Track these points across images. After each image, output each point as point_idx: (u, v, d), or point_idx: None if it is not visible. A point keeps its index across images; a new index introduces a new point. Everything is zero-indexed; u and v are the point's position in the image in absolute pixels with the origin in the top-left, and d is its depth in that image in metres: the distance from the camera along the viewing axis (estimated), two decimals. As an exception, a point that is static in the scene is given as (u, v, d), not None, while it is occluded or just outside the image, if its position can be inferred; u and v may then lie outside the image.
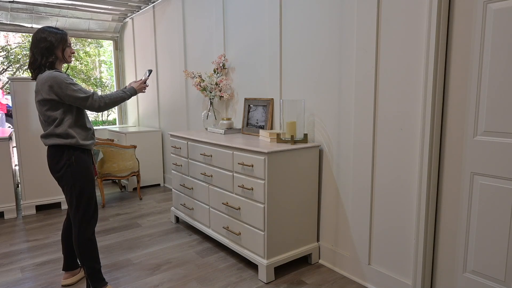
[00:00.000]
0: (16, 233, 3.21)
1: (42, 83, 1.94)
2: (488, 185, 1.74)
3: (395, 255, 2.10)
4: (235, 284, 2.29)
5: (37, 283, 2.34)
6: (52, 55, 2.02)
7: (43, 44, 2.00)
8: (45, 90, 1.93)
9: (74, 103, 1.98)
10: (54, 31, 2.04)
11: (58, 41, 2.04)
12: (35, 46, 2.01)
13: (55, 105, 1.97)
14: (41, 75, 1.98)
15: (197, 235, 3.07)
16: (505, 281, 1.71)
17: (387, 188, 2.11)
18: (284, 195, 2.34)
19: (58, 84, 1.92)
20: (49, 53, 2.01)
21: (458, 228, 1.87)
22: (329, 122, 2.42)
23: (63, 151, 2.01)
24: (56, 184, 3.81)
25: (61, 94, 1.93)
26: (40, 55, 2.00)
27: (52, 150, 2.03)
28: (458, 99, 1.81)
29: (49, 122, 2.00)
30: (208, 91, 3.33)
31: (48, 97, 1.94)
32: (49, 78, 1.93)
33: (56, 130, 1.99)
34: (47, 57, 2.01)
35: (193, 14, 3.86)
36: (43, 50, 2.00)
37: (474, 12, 1.71)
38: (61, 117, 1.99)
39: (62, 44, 2.05)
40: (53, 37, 2.02)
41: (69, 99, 1.95)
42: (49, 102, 1.96)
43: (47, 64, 2.01)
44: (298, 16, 2.56)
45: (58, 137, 2.00)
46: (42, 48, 2.00)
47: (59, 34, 2.05)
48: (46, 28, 2.04)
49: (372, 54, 2.07)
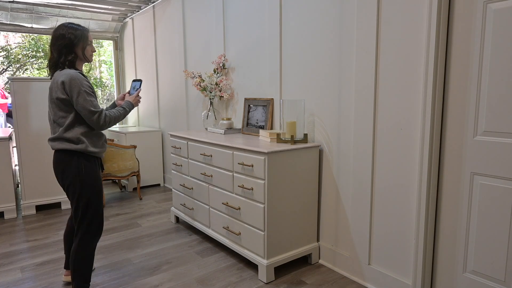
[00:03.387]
0: (16, 233, 3.21)
1: (56, 80, 1.83)
2: (488, 185, 1.74)
3: (395, 255, 2.10)
4: (235, 284, 2.29)
5: (37, 283, 2.34)
6: (71, 53, 1.89)
7: (62, 41, 1.86)
8: (59, 88, 1.81)
9: (80, 112, 1.85)
10: (74, 27, 1.90)
11: (78, 38, 1.89)
12: (54, 43, 1.88)
13: (68, 106, 1.85)
14: (58, 72, 1.86)
15: (197, 235, 3.07)
16: (505, 281, 1.71)
17: (387, 188, 2.11)
18: (284, 195, 2.34)
19: (72, 86, 1.80)
20: (68, 51, 1.88)
21: (458, 228, 1.87)
22: (329, 122, 2.42)
23: (72, 157, 1.88)
24: (56, 184, 3.81)
25: (71, 97, 1.82)
26: (58, 52, 1.87)
27: (59, 155, 1.90)
28: (458, 99, 1.81)
29: (60, 123, 1.88)
30: (208, 91, 3.32)
31: (61, 96, 1.81)
32: (66, 76, 1.80)
33: (67, 134, 1.86)
34: (66, 55, 1.88)
35: (193, 14, 3.86)
36: (62, 47, 1.86)
37: (474, 12, 1.71)
38: (73, 120, 1.86)
39: (82, 42, 1.92)
40: (72, 34, 1.88)
41: (77, 105, 1.83)
42: (61, 102, 1.84)
43: (66, 63, 1.88)
44: (298, 16, 2.56)
45: (68, 142, 1.87)
46: (60, 45, 1.86)
47: (79, 31, 1.90)
48: (66, 24, 1.90)
49: (372, 54, 2.07)
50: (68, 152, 1.89)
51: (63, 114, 1.86)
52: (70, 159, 1.89)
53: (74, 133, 1.87)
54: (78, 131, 1.88)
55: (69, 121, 1.86)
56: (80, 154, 1.90)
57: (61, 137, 1.87)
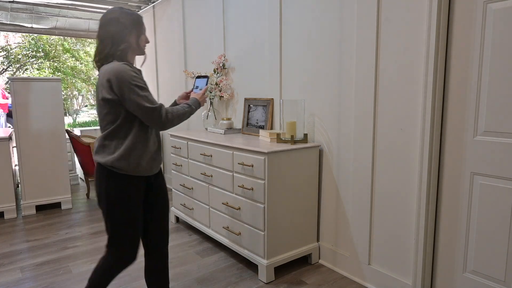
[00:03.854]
0: (16, 233, 3.21)
1: (102, 77, 1.52)
2: (488, 185, 1.74)
3: (395, 255, 2.10)
4: (235, 284, 2.29)
5: (37, 283, 2.34)
6: (124, 42, 1.58)
7: (114, 28, 1.56)
8: (104, 86, 1.50)
9: (135, 112, 1.52)
10: (129, 12, 1.62)
11: (133, 24, 1.60)
12: (103, 30, 1.57)
13: (115, 108, 1.51)
14: (105, 66, 1.54)
15: (197, 235, 3.07)
16: (505, 281, 1.71)
17: (387, 188, 2.11)
18: (284, 195, 2.33)
19: (120, 81, 1.47)
20: (120, 39, 1.57)
21: (458, 228, 1.87)
22: (329, 122, 2.42)
23: (109, 172, 1.55)
24: (56, 184, 3.81)
25: (121, 96, 1.49)
26: (109, 40, 1.55)
27: (98, 167, 1.59)
28: (458, 99, 1.81)
29: (105, 128, 1.56)
30: (208, 91, 3.32)
31: (107, 96, 1.49)
32: (111, 71, 1.49)
33: (107, 144, 1.55)
34: (117, 43, 1.56)
35: (193, 14, 3.86)
36: (113, 34, 1.56)
37: (474, 12, 1.71)
38: (118, 127, 1.54)
39: (137, 29, 1.62)
40: (126, 19, 1.59)
41: (130, 104, 1.50)
42: (107, 103, 1.51)
43: (117, 53, 1.57)
44: (298, 16, 2.56)
45: (105, 155, 1.55)
46: (111, 32, 1.56)
47: (135, 15, 1.63)
48: (117, 8, 1.62)
49: (372, 54, 2.07)
50: (102, 167, 1.57)
51: (109, 117, 1.54)
52: (101, 173, 1.58)
53: (117, 145, 1.55)
54: (122, 143, 1.54)
55: (113, 128, 1.54)
56: (117, 174, 1.56)
57: (101, 145, 1.57)
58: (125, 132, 1.55)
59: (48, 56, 11.37)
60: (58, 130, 3.76)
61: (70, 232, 3.22)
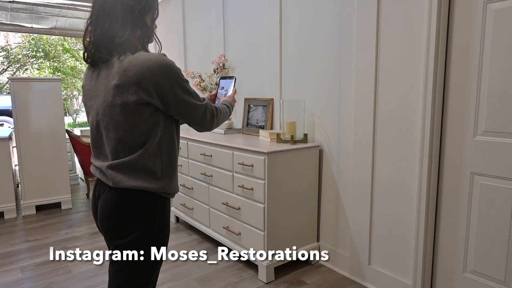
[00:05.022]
0: (16, 233, 3.21)
1: (137, 71, 1.05)
2: (488, 185, 1.74)
3: (395, 255, 2.10)
4: (235, 284, 2.29)
5: (37, 283, 2.34)
6: (145, 23, 1.15)
7: (133, 1, 1.09)
8: (142, 86, 1.05)
9: (178, 113, 1.16)
10: None
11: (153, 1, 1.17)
12: (112, 5, 1.08)
13: (153, 115, 1.11)
14: (131, 57, 1.07)
15: (197, 235, 3.07)
16: (505, 281, 1.71)
17: (387, 188, 2.11)
18: (284, 195, 2.33)
19: (170, 79, 1.09)
20: (140, 18, 1.12)
21: (458, 228, 1.87)
22: (329, 122, 2.42)
23: (148, 201, 1.15)
24: (56, 184, 3.81)
25: (165, 96, 1.09)
26: (128, 20, 1.09)
27: (125, 196, 1.13)
28: (458, 99, 1.81)
29: (137, 141, 1.10)
30: (208, 91, 3.32)
31: (147, 99, 1.07)
32: (154, 65, 1.05)
33: (148, 161, 1.12)
34: (143, 25, 1.14)
35: (193, 14, 3.86)
36: (135, 10, 1.09)
37: (474, 12, 1.71)
38: (154, 136, 1.13)
39: (154, 6, 1.18)
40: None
41: (176, 104, 1.12)
42: (146, 108, 1.09)
43: (141, 40, 1.15)
44: (298, 16, 2.55)
45: (146, 174, 1.12)
46: (132, 7, 1.09)
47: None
48: None
49: (372, 54, 2.07)
50: (142, 194, 1.13)
51: (147, 127, 1.10)
52: (144, 203, 1.14)
53: (156, 160, 1.14)
54: (158, 153, 1.15)
55: (154, 140, 1.13)
56: (159, 197, 1.17)
57: (136, 164, 1.11)
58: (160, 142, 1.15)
59: (48, 56, 11.37)
60: (58, 130, 3.76)
61: (70, 232, 3.22)
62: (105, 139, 1.13)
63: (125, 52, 1.08)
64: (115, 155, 1.11)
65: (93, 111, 1.14)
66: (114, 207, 1.13)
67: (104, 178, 1.16)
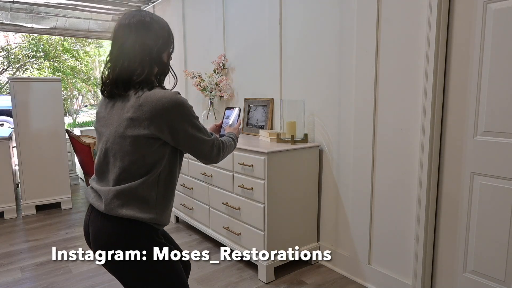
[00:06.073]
0: (16, 233, 3.21)
1: (152, 107, 1.09)
2: (488, 185, 1.74)
3: (395, 255, 2.10)
4: (235, 284, 2.29)
5: (37, 283, 2.34)
6: (161, 60, 1.19)
7: (152, 41, 1.15)
8: (155, 122, 1.09)
9: (187, 147, 1.20)
10: (161, 20, 1.21)
11: (170, 35, 1.23)
12: (135, 41, 1.12)
13: (161, 148, 1.15)
14: (147, 93, 1.11)
15: (197, 235, 3.07)
16: (505, 281, 1.71)
17: (387, 188, 2.11)
18: (284, 195, 2.33)
19: (182, 117, 1.13)
20: (157, 56, 1.17)
21: (458, 228, 1.87)
22: (329, 122, 2.42)
23: (140, 231, 1.16)
24: (56, 184, 3.81)
25: (177, 131, 1.13)
26: (147, 58, 1.14)
27: (117, 226, 1.15)
28: (458, 99, 1.81)
29: (133, 169, 1.13)
30: (208, 91, 3.33)
31: (157, 134, 1.11)
32: (168, 103, 1.10)
33: (144, 189, 1.15)
34: (160, 63, 1.18)
35: (193, 14, 3.86)
36: (151, 50, 1.15)
37: (474, 12, 1.71)
38: (158, 168, 1.16)
39: (170, 44, 1.23)
40: (165, 30, 1.20)
41: (185, 139, 1.16)
42: (155, 142, 1.13)
43: (158, 77, 1.20)
44: (298, 16, 2.55)
45: (139, 203, 1.14)
46: (149, 46, 1.14)
47: (167, 23, 1.23)
48: (146, 12, 1.18)
49: (372, 54, 2.07)
50: (134, 224, 1.14)
51: (154, 159, 1.15)
52: (134, 234, 1.15)
53: (152, 190, 1.17)
54: (155, 184, 1.17)
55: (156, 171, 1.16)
56: (151, 228, 1.18)
57: (132, 192, 1.14)
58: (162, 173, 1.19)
59: (48, 56, 11.38)
60: (58, 130, 3.76)
61: (70, 232, 3.22)
62: (111, 166, 1.17)
63: (142, 89, 1.12)
64: (116, 182, 1.15)
65: (104, 138, 1.18)
66: (108, 236, 1.15)
67: (97, 203, 1.17)
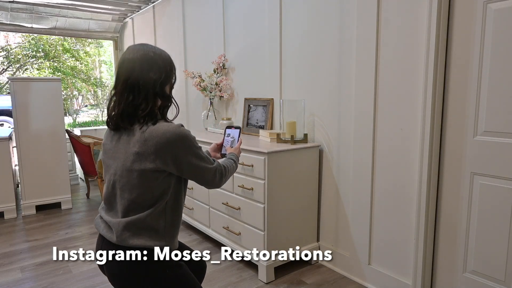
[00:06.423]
0: (16, 233, 3.21)
1: (157, 142, 1.13)
2: (488, 185, 1.74)
3: (395, 255, 2.10)
4: (235, 284, 2.29)
5: (37, 283, 2.34)
6: (165, 93, 1.24)
7: (155, 74, 1.19)
8: (160, 155, 1.14)
9: (191, 176, 1.25)
10: (164, 53, 1.26)
11: (173, 68, 1.28)
12: (143, 74, 1.17)
13: (167, 179, 1.20)
14: (152, 128, 1.15)
15: (197, 235, 3.07)
16: (505, 281, 1.71)
17: (387, 188, 2.11)
18: (284, 195, 2.33)
19: (185, 150, 1.18)
20: (162, 90, 1.21)
21: (458, 228, 1.87)
22: (329, 122, 2.42)
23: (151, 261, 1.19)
24: (56, 184, 3.81)
25: (181, 162, 1.18)
26: (151, 92, 1.18)
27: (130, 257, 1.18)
28: (458, 99, 1.81)
29: (143, 202, 1.18)
30: (208, 91, 3.32)
31: (163, 167, 1.16)
32: (172, 137, 1.15)
33: (152, 219, 1.19)
34: (163, 96, 1.23)
35: (193, 14, 3.86)
36: (157, 84, 1.19)
37: (474, 12, 1.71)
38: (164, 198, 1.21)
39: (172, 76, 1.28)
40: (168, 64, 1.25)
41: (189, 169, 1.21)
42: (160, 174, 1.18)
43: (161, 110, 1.24)
44: (298, 16, 2.55)
45: (149, 232, 1.19)
46: (156, 80, 1.19)
47: (169, 56, 1.28)
48: (151, 46, 1.24)
49: (372, 54, 2.07)
50: (147, 251, 1.18)
51: (160, 190, 1.19)
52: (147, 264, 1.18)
53: (160, 219, 1.21)
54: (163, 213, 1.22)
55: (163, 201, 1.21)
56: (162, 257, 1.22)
57: (141, 221, 1.17)
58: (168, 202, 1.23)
59: (48, 56, 11.37)
60: (58, 130, 3.76)
61: (70, 232, 3.22)
62: (118, 198, 1.21)
63: (147, 123, 1.17)
64: (125, 213, 1.19)
65: (112, 170, 1.23)
66: (123, 267, 1.19)
67: (108, 235, 1.21)
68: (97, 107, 12.28)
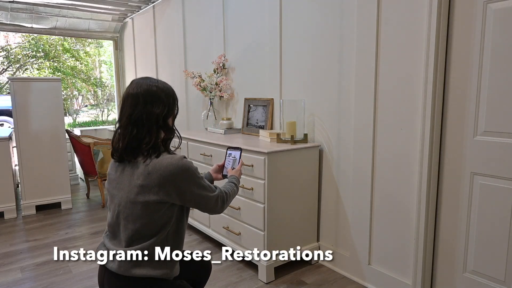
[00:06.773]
0: (16, 233, 3.21)
1: (160, 175, 1.18)
2: (488, 185, 1.74)
3: (395, 255, 2.10)
4: (235, 284, 2.29)
5: (37, 283, 2.34)
6: (168, 126, 1.29)
7: (158, 109, 1.23)
8: (164, 186, 1.19)
9: (194, 204, 1.29)
10: (166, 86, 1.31)
11: (175, 102, 1.32)
12: (147, 109, 1.21)
13: (170, 209, 1.24)
14: (155, 161, 1.20)
15: (197, 235, 3.07)
16: (505, 281, 1.71)
17: (387, 188, 2.11)
18: (284, 195, 2.33)
19: (188, 182, 1.23)
20: (164, 123, 1.26)
21: (458, 228, 1.87)
22: (329, 122, 2.42)
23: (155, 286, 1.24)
24: (56, 184, 3.81)
25: (184, 192, 1.23)
26: (154, 126, 1.22)
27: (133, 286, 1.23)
28: (458, 99, 1.81)
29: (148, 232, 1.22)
30: (208, 91, 3.32)
31: (165, 199, 1.21)
32: (175, 170, 1.19)
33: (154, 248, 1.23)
34: (166, 128, 1.28)
35: (193, 14, 3.86)
36: (160, 117, 1.23)
37: (474, 12, 1.71)
38: (167, 227, 1.24)
39: (175, 108, 1.32)
40: (170, 96, 1.29)
41: (192, 198, 1.26)
42: (164, 205, 1.22)
43: (167, 142, 1.31)
44: (298, 16, 2.56)
45: (151, 261, 1.23)
46: (159, 113, 1.23)
47: (172, 89, 1.33)
48: (154, 80, 1.28)
49: (372, 54, 2.07)
50: (150, 280, 1.23)
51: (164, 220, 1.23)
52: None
53: (162, 246, 1.25)
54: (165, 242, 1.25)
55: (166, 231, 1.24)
56: (164, 281, 1.26)
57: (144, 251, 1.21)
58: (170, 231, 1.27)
59: (48, 56, 11.37)
60: (58, 130, 3.76)
61: (70, 232, 3.22)
62: (122, 227, 1.25)
63: (150, 156, 1.21)
64: (129, 243, 1.23)
65: (116, 200, 1.27)
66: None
67: (110, 264, 1.25)
68: (97, 107, 12.27)
